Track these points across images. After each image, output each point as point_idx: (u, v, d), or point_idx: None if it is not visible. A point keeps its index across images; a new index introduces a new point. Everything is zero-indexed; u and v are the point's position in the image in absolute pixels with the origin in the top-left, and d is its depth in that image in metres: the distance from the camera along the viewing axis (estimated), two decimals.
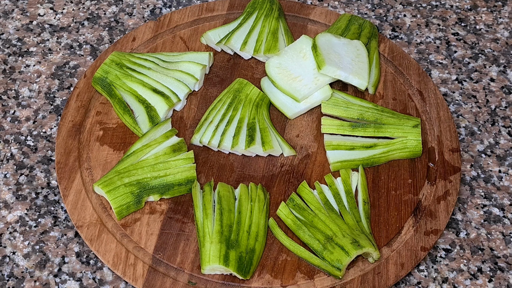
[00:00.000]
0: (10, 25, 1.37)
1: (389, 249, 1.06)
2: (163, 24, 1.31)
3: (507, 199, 1.16)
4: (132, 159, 1.09)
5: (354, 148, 1.14)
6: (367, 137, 1.16)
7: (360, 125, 1.15)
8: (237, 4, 1.35)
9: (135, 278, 1.02)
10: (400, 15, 1.41)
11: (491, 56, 1.35)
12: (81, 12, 1.39)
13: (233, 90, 1.19)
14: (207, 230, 1.02)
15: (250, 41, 1.25)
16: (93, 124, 1.17)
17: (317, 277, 1.03)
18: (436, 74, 1.32)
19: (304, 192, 1.09)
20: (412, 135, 1.14)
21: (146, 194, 1.07)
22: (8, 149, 1.19)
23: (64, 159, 1.13)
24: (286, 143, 1.15)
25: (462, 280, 1.07)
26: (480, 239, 1.11)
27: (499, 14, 1.42)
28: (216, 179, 1.12)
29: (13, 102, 1.25)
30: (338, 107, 1.17)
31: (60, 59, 1.31)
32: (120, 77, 1.18)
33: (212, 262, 0.99)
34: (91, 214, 1.07)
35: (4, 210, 1.12)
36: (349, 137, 1.15)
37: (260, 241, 1.03)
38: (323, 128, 1.16)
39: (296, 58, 1.21)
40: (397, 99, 1.23)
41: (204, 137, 1.14)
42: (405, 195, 1.11)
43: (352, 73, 1.17)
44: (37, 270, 1.06)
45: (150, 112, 1.16)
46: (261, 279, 1.02)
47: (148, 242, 1.05)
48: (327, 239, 1.02)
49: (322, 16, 1.33)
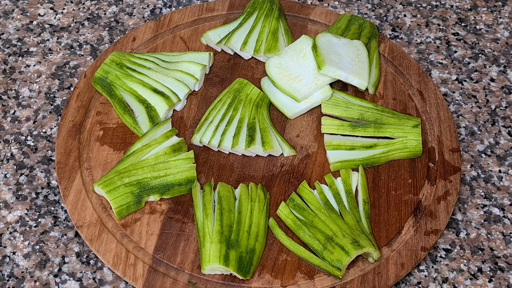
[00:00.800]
0: (10, 25, 1.37)
1: (389, 249, 1.06)
2: (163, 24, 1.31)
3: (507, 199, 1.16)
4: (132, 159, 1.09)
5: (354, 148, 1.14)
6: (367, 137, 1.16)
7: (360, 125, 1.15)
8: (237, 4, 1.35)
9: (135, 278, 1.02)
10: (400, 15, 1.41)
11: (491, 56, 1.35)
12: (81, 12, 1.39)
13: (233, 90, 1.19)
14: (207, 230, 1.02)
15: (250, 41, 1.25)
16: (93, 124, 1.17)
17: (317, 277, 1.03)
18: (436, 74, 1.32)
19: (304, 192, 1.09)
20: (412, 135, 1.14)
21: (146, 194, 1.07)
22: (8, 149, 1.19)
23: (64, 159, 1.13)
24: (286, 143, 1.15)
25: (462, 280, 1.07)
26: (480, 239, 1.11)
27: (499, 14, 1.42)
28: (216, 179, 1.12)
29: (13, 102, 1.25)
30: (338, 107, 1.17)
31: (60, 59, 1.31)
32: (120, 77, 1.18)
33: (212, 262, 0.99)
34: (91, 214, 1.07)
35: (4, 210, 1.12)
36: (349, 137, 1.15)
37: (260, 241, 1.03)
38: (323, 128, 1.16)
39: (296, 58, 1.21)
40: (397, 99, 1.23)
41: (204, 137, 1.14)
42: (405, 195, 1.11)
43: (352, 73, 1.17)
44: (37, 270, 1.06)
45: (150, 112, 1.16)
46: (261, 279, 1.02)
47: (148, 242, 1.05)
48: (327, 239, 1.02)
49: (322, 16, 1.33)
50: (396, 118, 1.16)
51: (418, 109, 1.22)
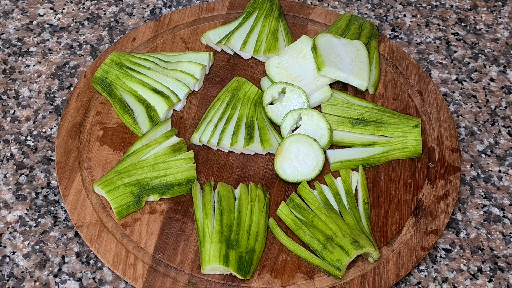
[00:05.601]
0: (10, 25, 1.37)
1: (389, 249, 1.06)
2: (163, 24, 1.31)
3: (507, 199, 1.16)
4: (132, 159, 1.09)
5: (353, 145, 1.14)
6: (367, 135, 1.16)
7: (361, 122, 1.15)
8: (237, 4, 1.35)
9: (135, 278, 1.02)
10: (400, 15, 1.41)
11: (491, 56, 1.35)
12: (81, 12, 1.39)
13: (231, 89, 1.19)
14: (207, 230, 1.02)
15: (250, 41, 1.25)
16: (93, 124, 1.17)
17: (317, 277, 1.03)
18: (436, 74, 1.32)
19: (304, 192, 1.09)
20: (412, 135, 1.14)
21: (146, 194, 1.07)
22: (8, 149, 1.19)
23: (64, 159, 1.13)
24: None
25: (462, 280, 1.07)
26: (480, 239, 1.11)
27: (499, 14, 1.42)
28: (216, 179, 1.12)
29: (13, 102, 1.25)
30: (338, 107, 1.17)
31: (60, 59, 1.31)
32: (120, 77, 1.18)
33: (212, 262, 0.99)
34: (91, 214, 1.07)
35: (4, 210, 1.12)
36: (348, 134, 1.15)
37: (260, 241, 1.03)
38: None
39: (296, 58, 1.21)
40: (397, 99, 1.23)
41: (203, 136, 1.14)
42: (405, 195, 1.11)
43: (352, 74, 1.17)
44: (37, 270, 1.06)
45: (150, 112, 1.16)
46: (261, 279, 1.02)
47: (148, 242, 1.05)
48: (327, 239, 1.02)
49: (322, 16, 1.34)
50: (396, 118, 1.16)
51: (418, 109, 1.22)
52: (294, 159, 1.10)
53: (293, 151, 1.10)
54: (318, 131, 1.13)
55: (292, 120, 1.14)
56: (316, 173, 1.11)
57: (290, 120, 1.14)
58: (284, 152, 1.10)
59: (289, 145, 1.10)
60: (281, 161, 1.10)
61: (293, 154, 1.10)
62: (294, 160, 1.10)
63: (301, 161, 1.10)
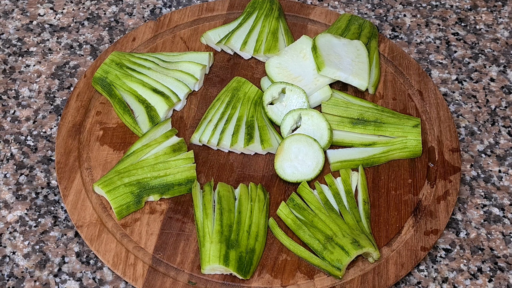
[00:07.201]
0: (10, 25, 1.37)
1: (389, 249, 1.06)
2: (163, 24, 1.31)
3: (507, 199, 1.16)
4: (132, 159, 1.09)
5: (353, 145, 1.14)
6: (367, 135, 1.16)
7: (361, 122, 1.15)
8: (237, 4, 1.35)
9: (135, 278, 1.02)
10: (400, 15, 1.41)
11: (491, 56, 1.35)
12: (81, 12, 1.39)
13: (231, 89, 1.19)
14: (207, 230, 1.02)
15: (250, 41, 1.25)
16: (93, 124, 1.17)
17: (317, 277, 1.03)
18: (436, 74, 1.32)
19: (304, 192, 1.09)
20: (412, 135, 1.14)
21: (146, 194, 1.07)
22: (8, 149, 1.19)
23: (64, 159, 1.13)
24: None
25: (462, 280, 1.07)
26: (480, 239, 1.11)
27: (499, 14, 1.42)
28: (216, 179, 1.12)
29: (13, 102, 1.25)
30: (338, 107, 1.17)
31: (60, 59, 1.31)
32: (120, 77, 1.18)
33: (212, 262, 0.99)
34: (91, 214, 1.07)
35: (4, 210, 1.12)
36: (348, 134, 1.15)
37: (260, 241, 1.03)
38: None
39: (296, 58, 1.21)
40: (397, 99, 1.23)
41: (203, 136, 1.14)
42: (405, 195, 1.11)
43: (352, 74, 1.17)
44: (37, 270, 1.06)
45: (150, 112, 1.16)
46: (261, 279, 1.02)
47: (148, 242, 1.05)
48: (327, 239, 1.02)
49: (322, 16, 1.34)
50: (396, 118, 1.16)
51: (418, 109, 1.22)
52: (294, 159, 1.10)
53: (293, 151, 1.10)
54: (318, 131, 1.13)
55: (292, 120, 1.14)
56: (316, 173, 1.11)
57: (290, 120, 1.14)
58: (284, 152, 1.10)
59: (289, 145, 1.10)
60: (281, 161, 1.10)
61: (293, 154, 1.10)
62: (294, 160, 1.10)
63: (301, 161, 1.10)
